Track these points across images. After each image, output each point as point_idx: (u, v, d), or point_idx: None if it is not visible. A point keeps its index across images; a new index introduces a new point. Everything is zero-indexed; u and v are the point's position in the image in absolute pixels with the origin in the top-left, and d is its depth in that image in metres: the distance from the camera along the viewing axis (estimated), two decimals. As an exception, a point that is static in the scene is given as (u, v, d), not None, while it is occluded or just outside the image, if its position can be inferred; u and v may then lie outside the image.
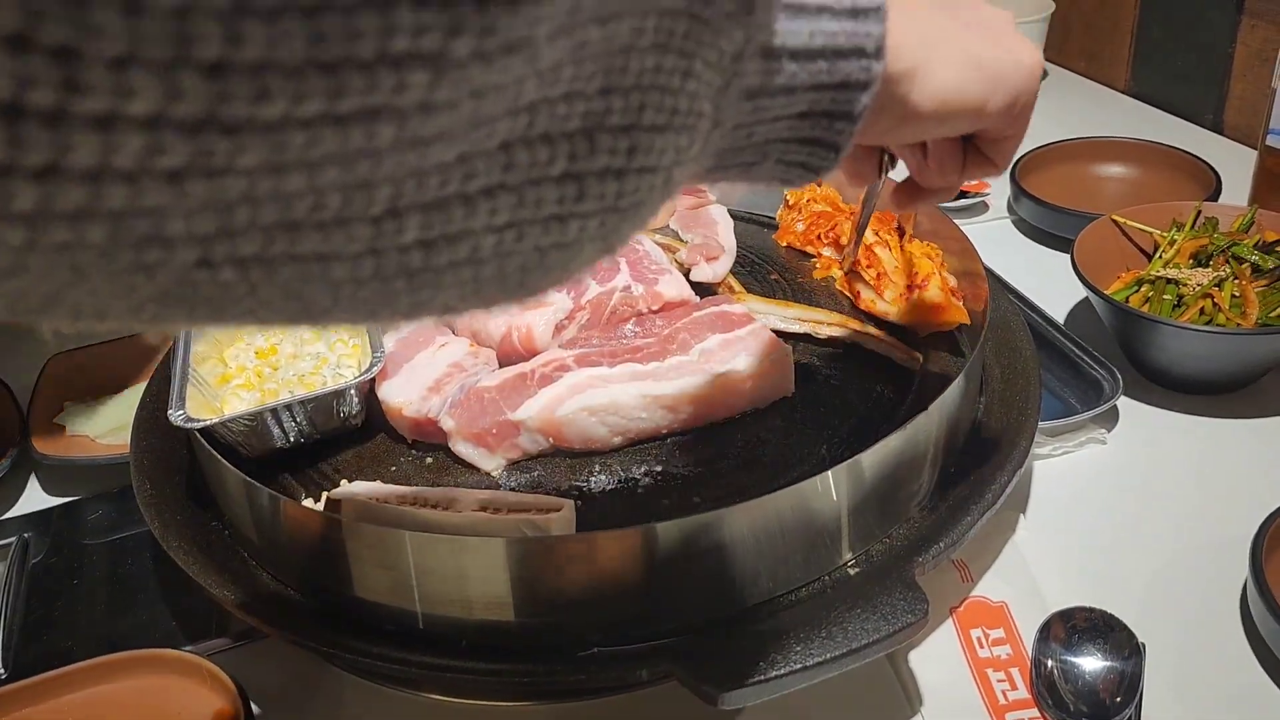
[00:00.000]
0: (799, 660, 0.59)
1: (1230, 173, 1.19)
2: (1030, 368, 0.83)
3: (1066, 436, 0.88)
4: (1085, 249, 0.97)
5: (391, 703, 0.71)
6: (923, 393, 0.83)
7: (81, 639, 0.76)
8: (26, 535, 0.85)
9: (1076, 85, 1.63)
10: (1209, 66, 1.45)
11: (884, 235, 0.94)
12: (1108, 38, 1.60)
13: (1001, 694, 0.68)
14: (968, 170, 0.59)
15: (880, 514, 0.69)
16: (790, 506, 0.64)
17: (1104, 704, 0.66)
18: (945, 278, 0.87)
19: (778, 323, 0.88)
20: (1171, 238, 0.99)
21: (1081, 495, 0.85)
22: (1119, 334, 0.94)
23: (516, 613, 0.63)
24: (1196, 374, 0.92)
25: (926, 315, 0.86)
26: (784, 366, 0.81)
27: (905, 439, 0.68)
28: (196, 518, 0.76)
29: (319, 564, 0.67)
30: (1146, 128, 1.40)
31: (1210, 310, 0.91)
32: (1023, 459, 0.75)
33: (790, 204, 1.06)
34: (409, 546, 0.62)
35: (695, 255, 0.98)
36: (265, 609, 0.68)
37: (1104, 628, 0.70)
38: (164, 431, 0.82)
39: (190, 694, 0.68)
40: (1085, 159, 1.30)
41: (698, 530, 0.62)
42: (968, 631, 0.73)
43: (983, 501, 0.71)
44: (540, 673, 0.62)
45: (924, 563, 0.67)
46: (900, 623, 0.61)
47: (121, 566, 0.82)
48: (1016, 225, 1.26)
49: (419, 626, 0.65)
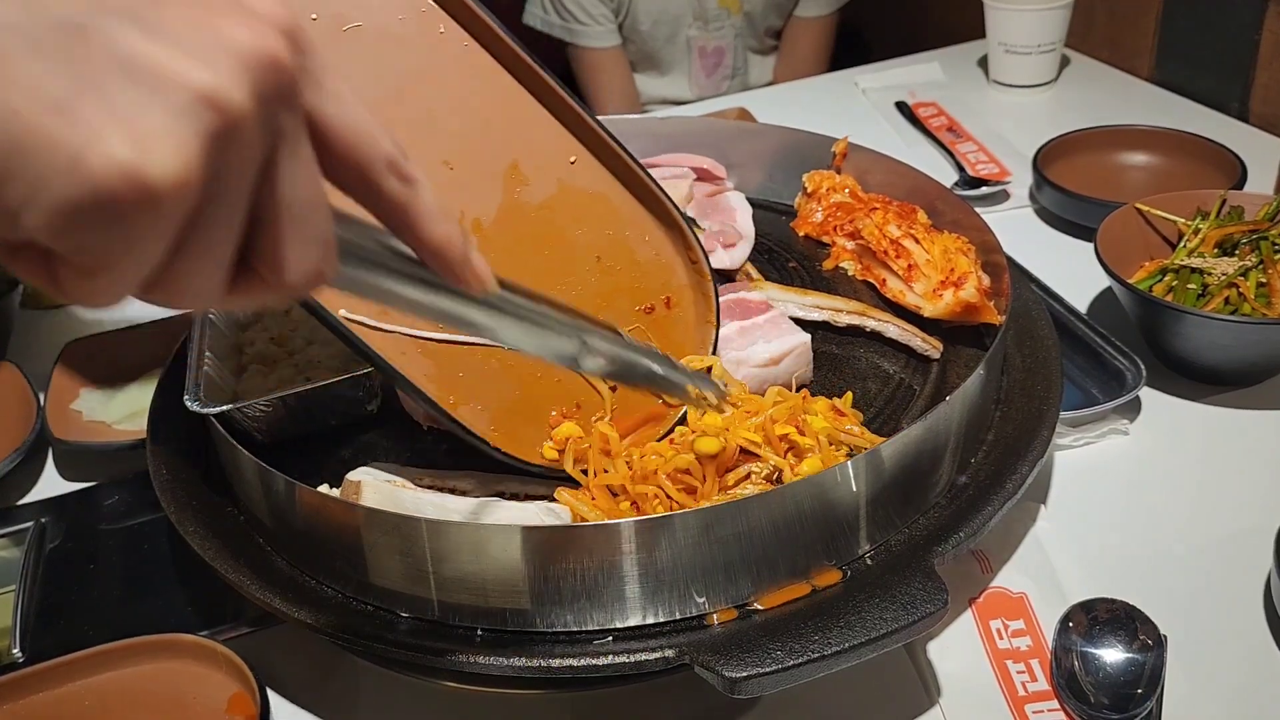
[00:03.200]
0: (817, 650, 0.59)
1: (1256, 161, 1.17)
2: (1052, 357, 0.83)
3: (1088, 427, 0.87)
4: (1108, 238, 0.96)
5: (406, 690, 0.71)
6: (943, 382, 0.83)
7: (97, 624, 0.76)
8: (43, 520, 0.86)
9: (1099, 73, 1.62)
10: (1234, 54, 1.43)
11: (912, 230, 0.92)
12: (1131, 25, 1.58)
13: (1021, 685, 0.68)
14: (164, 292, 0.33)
15: (900, 504, 0.69)
16: (810, 496, 0.63)
17: (1125, 696, 0.65)
18: (981, 276, 0.85)
19: (796, 310, 0.87)
20: (1196, 226, 0.98)
21: (1103, 486, 0.84)
22: (1142, 324, 0.93)
23: (532, 600, 0.63)
24: (1220, 364, 0.91)
25: (959, 313, 0.85)
26: (802, 354, 0.81)
27: (926, 429, 0.68)
28: (212, 503, 0.76)
29: (334, 550, 0.67)
30: (1170, 116, 1.38)
31: (1235, 300, 0.90)
32: (1044, 449, 0.74)
33: (809, 192, 1.05)
34: (425, 533, 0.62)
35: (713, 242, 0.97)
36: (281, 595, 0.67)
37: (1125, 619, 0.69)
38: (180, 417, 0.81)
39: (205, 679, 0.68)
40: (1108, 147, 1.28)
41: (717, 519, 0.61)
42: (987, 622, 0.72)
43: (1003, 492, 0.71)
44: (556, 660, 0.62)
45: (943, 553, 0.66)
46: (919, 613, 0.61)
47: (137, 552, 0.82)
48: (1039, 214, 1.24)
49: (434, 613, 0.65)
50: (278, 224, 0.33)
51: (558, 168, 0.78)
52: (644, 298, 0.79)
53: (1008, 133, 1.42)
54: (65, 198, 0.28)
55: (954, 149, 1.38)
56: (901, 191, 1.00)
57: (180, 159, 0.29)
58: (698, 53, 1.93)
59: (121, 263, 0.30)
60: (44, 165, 0.27)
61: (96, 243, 0.29)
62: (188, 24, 0.30)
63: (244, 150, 0.31)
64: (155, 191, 0.28)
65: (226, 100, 0.30)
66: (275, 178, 0.33)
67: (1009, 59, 1.55)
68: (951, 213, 0.95)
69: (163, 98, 0.29)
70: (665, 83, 1.98)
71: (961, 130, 1.44)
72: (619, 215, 0.79)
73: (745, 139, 1.14)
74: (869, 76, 1.64)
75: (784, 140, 1.12)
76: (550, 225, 0.77)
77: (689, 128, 1.15)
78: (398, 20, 0.73)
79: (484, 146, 0.75)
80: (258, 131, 0.31)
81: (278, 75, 0.31)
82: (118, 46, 0.28)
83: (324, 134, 0.35)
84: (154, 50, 0.29)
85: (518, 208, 0.76)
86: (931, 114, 1.50)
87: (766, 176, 1.12)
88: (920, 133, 1.45)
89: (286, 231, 0.34)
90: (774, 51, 2.03)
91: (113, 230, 0.29)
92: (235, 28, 0.31)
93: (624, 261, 0.79)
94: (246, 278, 0.34)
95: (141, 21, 0.29)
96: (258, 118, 0.31)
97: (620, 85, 1.92)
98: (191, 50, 0.29)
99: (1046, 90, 1.57)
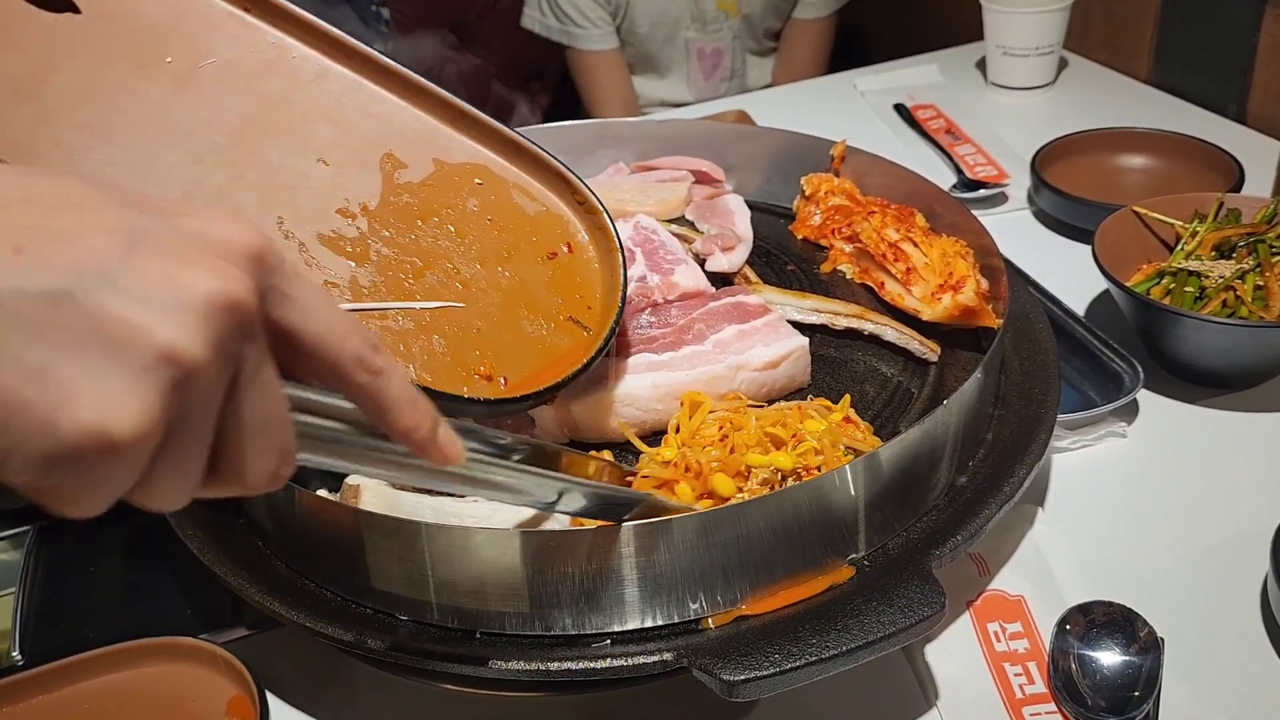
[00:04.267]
0: (814, 652, 0.59)
1: (1254, 164, 1.17)
2: (1049, 360, 0.83)
3: (1086, 430, 0.88)
4: (1106, 240, 0.96)
5: (405, 693, 0.71)
6: (940, 385, 0.83)
7: (97, 627, 0.76)
8: (43, 523, 0.86)
9: (1097, 75, 1.62)
10: (1232, 57, 1.44)
11: (910, 233, 0.92)
12: (1129, 27, 1.58)
13: (1019, 688, 0.68)
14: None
15: (898, 507, 0.69)
16: (807, 500, 0.63)
17: (1122, 698, 0.65)
18: (979, 280, 0.86)
19: (794, 313, 0.87)
20: (1193, 229, 0.98)
21: (1100, 489, 0.84)
22: (1139, 326, 0.93)
23: (531, 603, 0.63)
24: (1218, 367, 0.91)
25: (957, 317, 0.85)
26: (800, 358, 0.81)
27: (923, 433, 0.68)
28: (212, 506, 0.76)
29: (334, 553, 0.67)
30: (1168, 118, 1.38)
31: (1233, 303, 0.90)
32: (1041, 452, 0.74)
33: (808, 195, 1.05)
34: (424, 536, 0.62)
35: (711, 245, 0.98)
36: (280, 598, 0.68)
37: (1122, 622, 0.69)
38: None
39: (205, 682, 0.68)
40: (1106, 150, 1.28)
41: (715, 523, 0.61)
42: (985, 625, 0.72)
43: (1000, 495, 0.71)
44: (555, 664, 0.62)
45: (941, 556, 0.66)
46: (917, 616, 0.61)
47: (137, 555, 0.83)
48: (1036, 216, 1.25)
49: (433, 616, 0.65)
50: (239, 438, 0.37)
51: (432, 149, 0.83)
52: (544, 248, 0.83)
53: (1006, 135, 1.42)
54: (42, 451, 0.31)
55: (952, 151, 1.38)
56: (900, 194, 1.01)
57: (141, 414, 0.32)
58: (696, 55, 1.93)
59: (92, 496, 0.33)
60: (23, 425, 0.31)
61: (71, 483, 0.32)
62: (154, 280, 0.33)
63: (205, 389, 0.34)
64: (117, 445, 0.32)
65: (186, 353, 0.33)
66: (237, 400, 0.36)
67: (1007, 61, 1.55)
68: (949, 215, 0.95)
69: (128, 356, 0.32)
70: (663, 85, 1.98)
71: (960, 132, 1.44)
72: (501, 179, 0.84)
73: (743, 141, 1.14)
74: (867, 79, 1.64)
75: (782, 143, 1.12)
76: (438, 200, 0.81)
77: (687, 130, 1.15)
78: (251, 54, 0.79)
79: (356, 142, 0.80)
80: (217, 370, 0.34)
81: (238, 316, 0.34)
82: (91, 312, 0.32)
83: (294, 341, 0.38)
84: (122, 311, 0.32)
85: (402, 188, 0.80)
86: (930, 116, 1.50)
87: (765, 179, 1.13)
88: (918, 135, 1.45)
89: (248, 444, 0.37)
90: (772, 54, 2.03)
91: (84, 474, 0.32)
92: (199, 276, 0.34)
93: (516, 219, 0.83)
94: (212, 478, 0.37)
95: (114, 283, 0.32)
96: (218, 360, 0.34)
97: (618, 88, 1.93)
98: (156, 306, 0.32)
99: (1044, 92, 1.57)
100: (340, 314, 0.40)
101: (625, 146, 1.16)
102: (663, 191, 1.07)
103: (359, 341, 0.40)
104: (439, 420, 0.43)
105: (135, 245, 0.33)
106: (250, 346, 0.36)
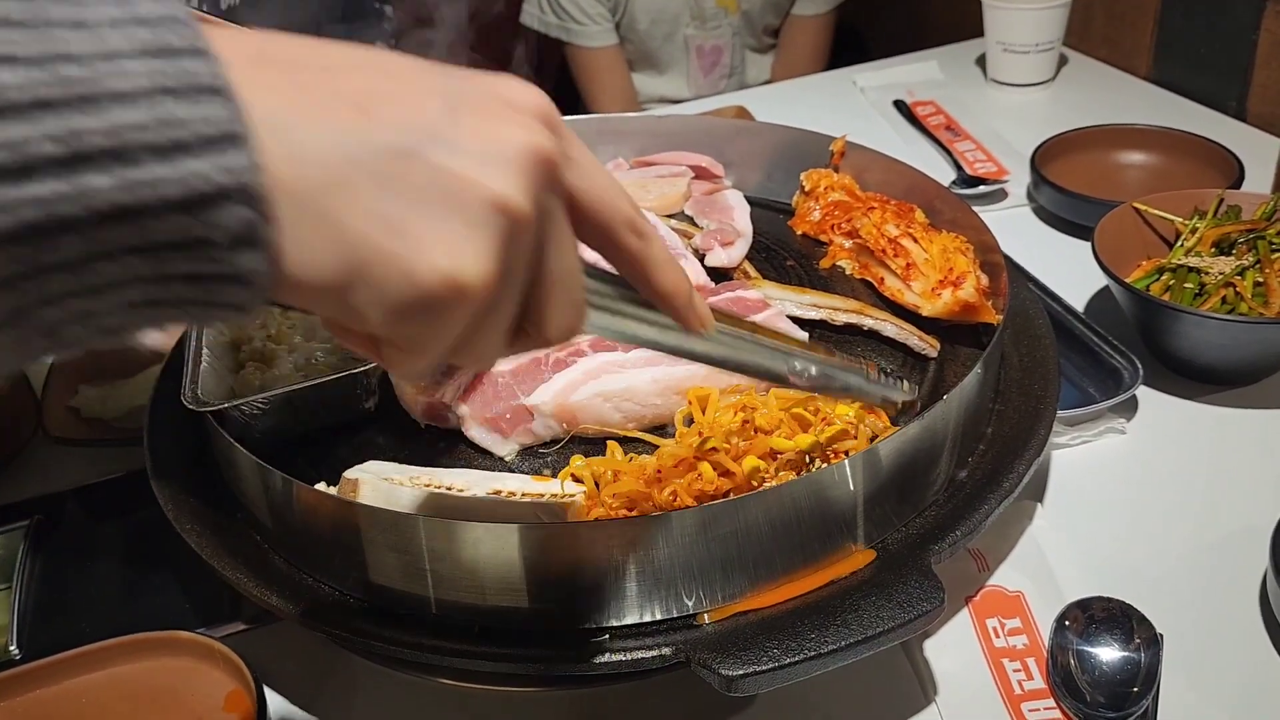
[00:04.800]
0: (813, 648, 0.59)
1: (1254, 160, 1.17)
2: (1049, 356, 0.83)
3: (1085, 426, 0.88)
4: (1106, 236, 0.96)
5: (404, 687, 0.71)
6: (940, 381, 0.83)
7: (95, 621, 0.76)
8: (41, 517, 0.85)
9: (1098, 72, 1.62)
10: (1232, 54, 1.44)
11: (910, 229, 0.92)
12: (1129, 24, 1.58)
13: (1017, 684, 0.68)
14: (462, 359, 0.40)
15: (897, 503, 0.69)
16: (806, 495, 0.63)
17: (1121, 694, 0.65)
18: (979, 276, 0.85)
19: (793, 309, 0.87)
20: (1193, 225, 0.98)
21: (1100, 485, 0.84)
22: (1139, 323, 0.93)
23: (530, 598, 0.63)
24: (1217, 363, 0.91)
25: (957, 313, 0.85)
26: (800, 353, 0.81)
27: (923, 428, 0.68)
28: (210, 501, 0.76)
29: (332, 548, 0.67)
30: (1168, 115, 1.38)
31: (1232, 299, 0.90)
32: (1041, 448, 0.74)
33: (807, 191, 1.05)
34: (422, 531, 0.62)
35: (711, 240, 0.97)
36: (278, 592, 0.67)
37: (1121, 618, 0.69)
38: (178, 414, 0.81)
39: (203, 676, 0.68)
40: (1106, 146, 1.28)
41: (714, 517, 0.61)
42: (984, 621, 0.72)
43: (1000, 490, 0.71)
44: (553, 659, 0.62)
45: (940, 551, 0.66)
46: (916, 611, 0.61)
47: (135, 549, 0.82)
48: (1036, 213, 1.25)
49: (432, 611, 0.65)
50: (545, 293, 0.39)
51: None
52: None
53: (1006, 131, 1.42)
54: (401, 300, 0.34)
55: (952, 148, 1.38)
56: (899, 190, 1.01)
57: (485, 261, 0.34)
58: (695, 51, 1.93)
59: (434, 344, 0.36)
60: (384, 275, 0.33)
61: (418, 331, 0.35)
62: (477, 136, 0.35)
63: (527, 240, 0.36)
64: (468, 291, 0.34)
65: (513, 203, 0.35)
66: (545, 255, 0.38)
67: (1007, 58, 1.55)
68: (949, 211, 0.95)
69: (466, 208, 0.34)
70: (663, 82, 1.98)
71: (959, 129, 1.44)
72: None
73: (743, 137, 1.14)
74: (867, 75, 1.64)
75: (782, 139, 1.12)
76: None
77: (687, 126, 1.15)
78: None
79: None
80: (536, 223, 0.37)
81: (547, 168, 0.37)
82: (432, 168, 0.34)
83: (578, 205, 0.40)
84: (457, 166, 0.34)
85: None
86: (929, 113, 1.50)
87: (764, 175, 1.12)
88: (918, 131, 1.45)
89: (551, 299, 0.39)
90: (772, 50, 2.03)
91: (432, 322, 0.35)
92: (515, 132, 0.36)
93: None
94: (516, 336, 0.40)
95: (446, 140, 0.34)
96: (536, 212, 0.36)
97: (618, 84, 1.92)
98: (485, 160, 0.35)
99: (1044, 89, 1.57)
100: (614, 180, 0.42)
101: (624, 142, 1.16)
102: (662, 187, 1.07)
103: (629, 205, 0.42)
104: (694, 288, 0.46)
105: (456, 106, 0.35)
106: (555, 201, 0.38)
